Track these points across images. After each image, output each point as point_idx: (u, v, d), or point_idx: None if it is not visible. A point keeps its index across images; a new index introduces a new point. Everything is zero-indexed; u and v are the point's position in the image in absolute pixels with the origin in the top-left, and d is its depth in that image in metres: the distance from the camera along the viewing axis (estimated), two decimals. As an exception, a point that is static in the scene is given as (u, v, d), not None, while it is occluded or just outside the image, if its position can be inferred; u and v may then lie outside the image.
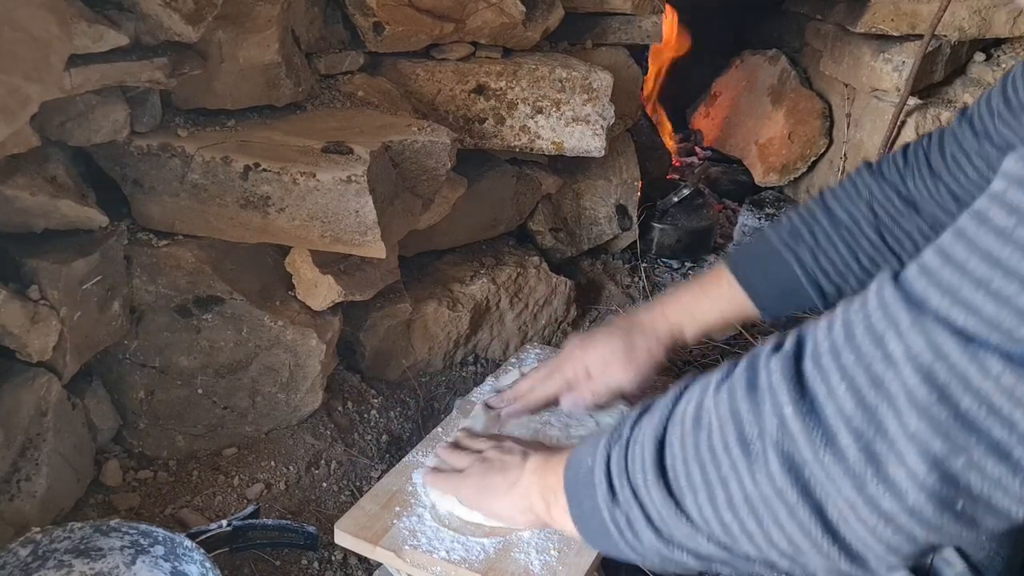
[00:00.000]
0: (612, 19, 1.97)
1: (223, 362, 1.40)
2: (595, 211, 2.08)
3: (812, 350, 0.62)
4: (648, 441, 0.71)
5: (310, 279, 1.43)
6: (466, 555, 1.00)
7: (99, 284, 1.23)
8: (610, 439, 0.78)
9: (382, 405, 1.60)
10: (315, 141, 1.35)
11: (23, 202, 1.14)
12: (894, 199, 1.10)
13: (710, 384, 0.69)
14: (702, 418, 0.68)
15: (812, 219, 1.13)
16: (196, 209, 1.32)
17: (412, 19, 1.60)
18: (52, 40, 1.02)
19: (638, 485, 0.71)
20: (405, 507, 1.07)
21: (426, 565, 1.00)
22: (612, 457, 0.75)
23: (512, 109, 1.71)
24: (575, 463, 0.83)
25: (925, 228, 1.09)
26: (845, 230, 1.11)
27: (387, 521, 1.05)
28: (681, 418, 0.70)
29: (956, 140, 1.06)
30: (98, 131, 1.21)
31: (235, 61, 1.35)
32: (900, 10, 2.12)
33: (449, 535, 1.03)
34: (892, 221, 1.10)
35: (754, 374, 0.65)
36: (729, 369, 0.69)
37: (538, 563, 1.00)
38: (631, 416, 0.78)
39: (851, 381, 0.58)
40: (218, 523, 1.15)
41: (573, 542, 1.03)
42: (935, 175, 1.08)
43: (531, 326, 1.87)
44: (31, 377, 1.15)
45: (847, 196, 1.13)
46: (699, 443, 0.67)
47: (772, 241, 1.14)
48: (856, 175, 1.14)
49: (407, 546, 1.01)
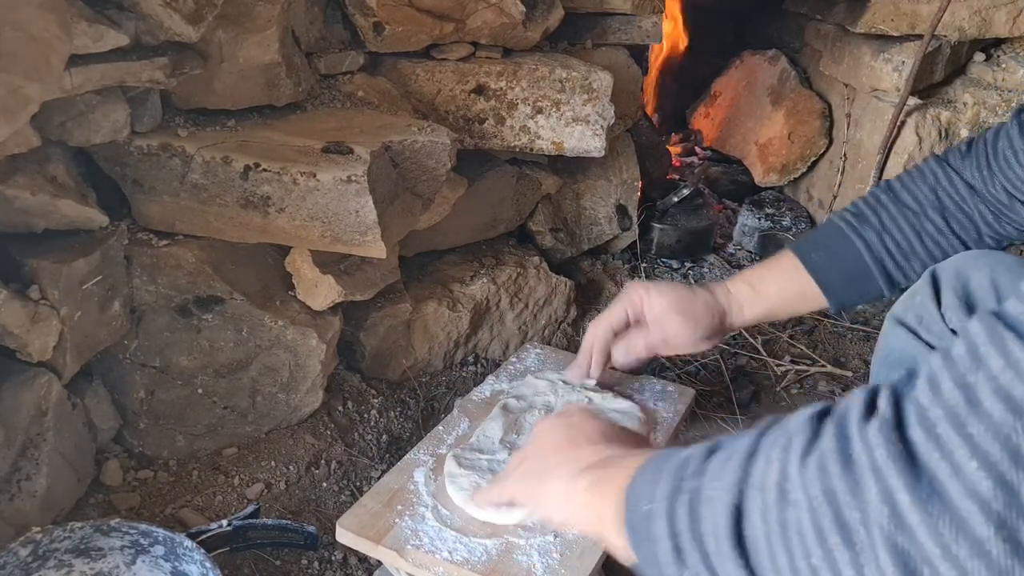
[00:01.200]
0: (612, 19, 1.97)
1: (223, 362, 1.40)
2: (595, 211, 2.08)
3: (918, 416, 0.51)
4: (722, 505, 0.60)
5: (310, 279, 1.43)
6: (468, 556, 1.00)
7: (99, 284, 1.23)
8: (672, 486, 0.65)
9: (382, 405, 1.60)
10: (315, 141, 1.35)
11: (23, 202, 1.14)
12: (959, 186, 1.12)
13: (792, 447, 0.57)
14: (788, 492, 0.56)
15: (877, 203, 1.15)
16: (196, 209, 1.32)
17: (412, 19, 1.60)
18: (52, 40, 1.02)
19: (710, 551, 0.60)
20: (407, 506, 1.07)
21: (428, 565, 1.00)
22: (677, 511, 0.63)
23: (512, 109, 1.71)
24: (632, 501, 0.70)
25: (988, 215, 1.11)
26: (911, 213, 1.13)
27: (389, 520, 1.05)
28: (761, 485, 0.58)
29: (1008, 137, 1.08)
30: (98, 131, 1.21)
31: (235, 61, 1.35)
32: (900, 10, 2.12)
33: (452, 535, 1.03)
34: (956, 207, 1.12)
35: (846, 443, 0.54)
36: (812, 428, 0.57)
37: (540, 566, 1.00)
38: (690, 457, 0.66)
39: (984, 457, 0.47)
40: (218, 523, 1.15)
41: (575, 545, 1.03)
42: (990, 169, 1.10)
43: (531, 326, 1.87)
44: (31, 377, 1.15)
45: (913, 181, 1.15)
46: (786, 523, 0.55)
47: (837, 224, 1.16)
48: (923, 163, 1.17)
49: (409, 546, 1.02)
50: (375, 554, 1.04)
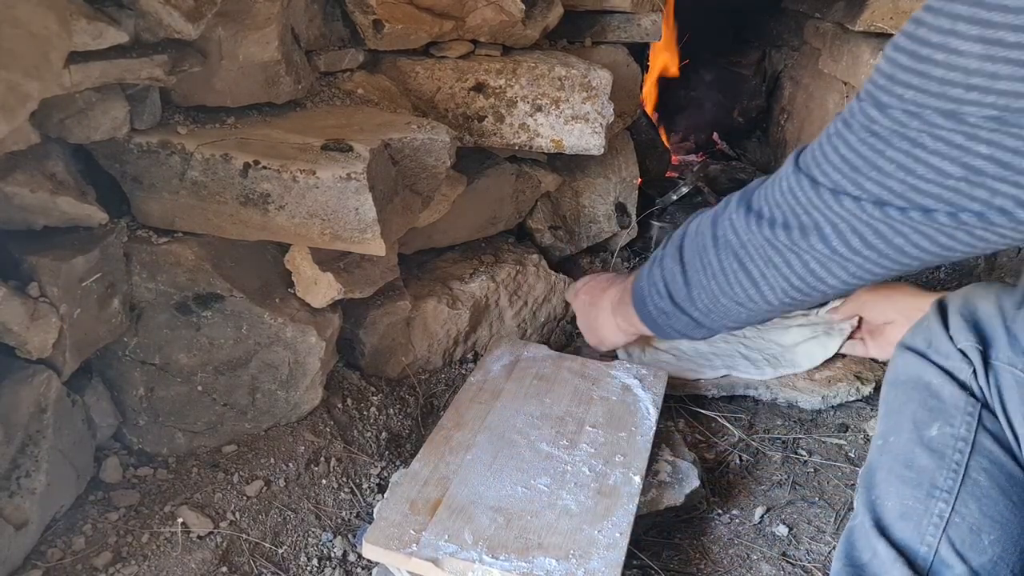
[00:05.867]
0: (611, 17, 1.97)
1: (223, 359, 1.40)
2: (594, 209, 2.08)
3: None
4: (672, 244, 1.22)
5: (310, 276, 1.43)
6: None
7: (99, 281, 1.23)
8: (647, 266, 1.30)
9: (381, 402, 1.60)
10: (315, 139, 1.35)
11: (22, 199, 1.14)
12: None
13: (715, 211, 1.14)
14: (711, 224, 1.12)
15: None
16: (196, 206, 1.32)
17: (412, 17, 1.60)
18: (51, 37, 1.02)
19: (665, 266, 1.23)
20: None
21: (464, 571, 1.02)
22: (652, 268, 1.28)
23: (511, 107, 1.71)
24: (635, 296, 1.34)
25: None
26: None
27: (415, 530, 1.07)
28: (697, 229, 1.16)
29: None
30: (98, 128, 1.21)
31: (235, 58, 1.35)
32: (899, 8, 2.12)
33: None
34: None
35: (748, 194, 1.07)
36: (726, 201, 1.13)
37: None
38: None
39: None
40: None
41: (594, 559, 1.06)
42: None
43: (530, 324, 1.87)
44: (31, 374, 1.15)
45: None
46: (700, 231, 1.15)
47: None
48: None
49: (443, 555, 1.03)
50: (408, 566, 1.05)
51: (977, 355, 1.03)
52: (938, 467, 1.01)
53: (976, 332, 1.05)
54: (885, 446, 1.08)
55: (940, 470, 1.01)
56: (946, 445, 1.02)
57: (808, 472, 1.55)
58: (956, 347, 1.06)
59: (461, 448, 1.34)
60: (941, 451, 1.02)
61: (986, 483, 0.99)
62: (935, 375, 1.06)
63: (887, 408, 1.11)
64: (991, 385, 1.02)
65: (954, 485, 1.00)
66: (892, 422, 1.09)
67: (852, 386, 1.71)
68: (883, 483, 1.05)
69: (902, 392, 1.09)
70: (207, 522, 1.27)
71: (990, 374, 1.02)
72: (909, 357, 1.11)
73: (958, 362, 1.05)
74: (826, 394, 1.70)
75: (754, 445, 1.60)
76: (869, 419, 1.68)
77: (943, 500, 0.98)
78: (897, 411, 1.09)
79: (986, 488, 0.98)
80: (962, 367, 1.04)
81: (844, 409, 1.72)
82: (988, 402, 1.03)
